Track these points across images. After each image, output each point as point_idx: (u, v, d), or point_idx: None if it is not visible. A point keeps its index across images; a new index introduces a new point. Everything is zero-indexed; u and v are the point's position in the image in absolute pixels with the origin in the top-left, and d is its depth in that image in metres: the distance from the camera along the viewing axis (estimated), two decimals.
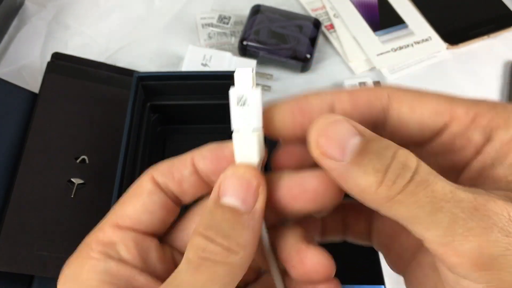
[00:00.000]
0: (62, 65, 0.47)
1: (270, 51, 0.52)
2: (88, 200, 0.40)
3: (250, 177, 0.18)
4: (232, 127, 0.19)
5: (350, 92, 0.19)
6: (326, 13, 0.58)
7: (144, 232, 0.20)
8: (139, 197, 0.20)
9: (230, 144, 0.19)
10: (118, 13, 0.57)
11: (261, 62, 0.52)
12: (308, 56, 0.52)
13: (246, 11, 0.55)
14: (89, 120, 0.45)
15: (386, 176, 0.16)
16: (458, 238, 0.15)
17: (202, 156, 0.20)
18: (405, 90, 0.19)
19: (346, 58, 0.55)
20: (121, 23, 0.57)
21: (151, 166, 0.20)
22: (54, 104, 0.44)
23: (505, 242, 0.15)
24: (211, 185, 0.20)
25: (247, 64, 0.50)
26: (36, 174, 0.40)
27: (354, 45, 0.55)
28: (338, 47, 0.56)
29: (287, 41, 0.52)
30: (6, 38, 0.54)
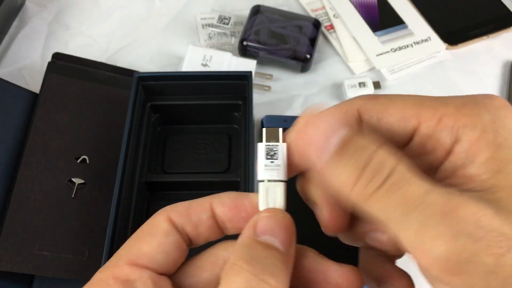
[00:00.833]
0: (62, 65, 0.48)
1: (270, 51, 0.52)
2: (88, 200, 0.41)
3: (288, 221, 0.19)
4: (258, 177, 0.20)
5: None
6: (326, 13, 0.58)
7: (159, 271, 0.20)
8: (155, 236, 0.20)
9: (251, 194, 0.20)
10: (119, 14, 0.58)
11: (261, 62, 0.52)
12: (308, 56, 0.52)
13: (246, 12, 0.55)
14: (89, 120, 0.45)
15: (363, 174, 0.16)
16: (428, 242, 0.15)
17: (222, 202, 0.20)
18: (374, 100, 0.19)
19: (346, 58, 0.55)
20: (121, 24, 0.57)
21: (167, 206, 0.21)
22: (54, 104, 0.44)
23: (473, 248, 0.15)
24: (224, 232, 0.21)
25: (247, 64, 0.51)
26: (36, 174, 0.40)
27: (353, 45, 0.55)
28: (337, 47, 0.56)
29: (287, 41, 0.53)
30: (6, 38, 0.54)
